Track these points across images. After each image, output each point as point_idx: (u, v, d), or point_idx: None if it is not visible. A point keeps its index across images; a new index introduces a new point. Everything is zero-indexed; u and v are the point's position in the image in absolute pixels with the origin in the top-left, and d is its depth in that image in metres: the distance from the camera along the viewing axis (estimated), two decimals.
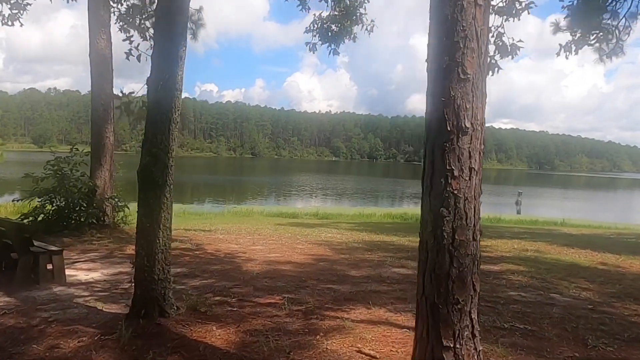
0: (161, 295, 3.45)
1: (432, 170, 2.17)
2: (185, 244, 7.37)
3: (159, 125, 3.35)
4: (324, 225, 14.35)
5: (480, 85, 2.07)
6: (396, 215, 24.81)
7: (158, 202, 3.40)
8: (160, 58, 3.30)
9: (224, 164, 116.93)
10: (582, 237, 12.04)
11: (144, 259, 3.38)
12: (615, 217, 36.30)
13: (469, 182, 2.13)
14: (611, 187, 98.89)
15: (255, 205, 31.18)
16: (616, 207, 51.96)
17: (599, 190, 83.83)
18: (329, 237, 9.65)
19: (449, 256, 2.10)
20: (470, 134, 2.08)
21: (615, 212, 44.41)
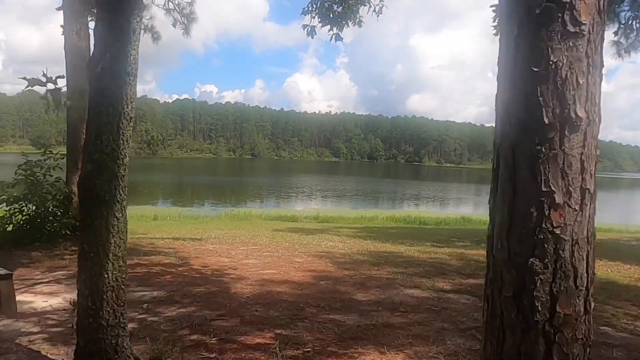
0: (112, 346, 2.59)
1: (513, 191, 1.30)
2: (170, 258, 6.55)
3: (103, 123, 2.50)
4: (324, 230, 13.53)
5: (600, 45, 1.22)
6: (399, 218, 23.98)
7: (105, 224, 2.54)
8: (105, 32, 2.47)
9: (224, 165, 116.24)
10: (602, 244, 11.20)
11: (87, 300, 2.54)
12: (622, 219, 35.50)
13: (580, 213, 1.29)
14: (614, 187, 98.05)
15: (254, 208, 30.35)
16: (621, 208, 51.22)
17: (603, 191, 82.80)
18: (330, 246, 8.83)
19: (546, 341, 1.25)
20: (583, 130, 1.23)
21: (620, 213, 43.66)
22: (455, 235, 12.49)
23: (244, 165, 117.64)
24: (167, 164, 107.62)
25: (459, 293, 4.87)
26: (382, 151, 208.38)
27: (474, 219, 24.36)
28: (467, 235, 12.36)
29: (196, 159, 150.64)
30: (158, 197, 38.52)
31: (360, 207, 34.91)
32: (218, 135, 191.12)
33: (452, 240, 10.96)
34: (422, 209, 36.28)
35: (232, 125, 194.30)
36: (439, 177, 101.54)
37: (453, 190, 62.04)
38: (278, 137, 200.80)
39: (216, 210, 28.75)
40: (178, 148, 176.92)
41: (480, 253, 8.15)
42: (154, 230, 13.51)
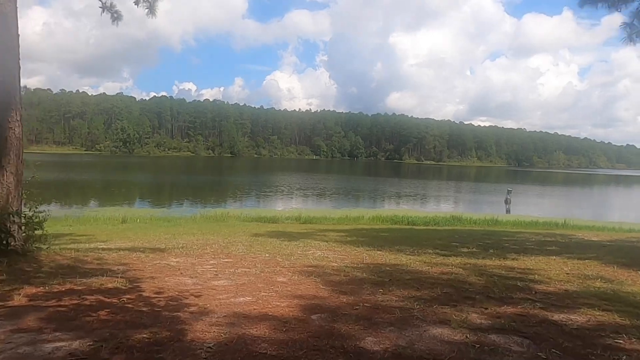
0: None
1: None
2: (116, 281, 5.08)
3: None
4: (309, 235, 12.17)
5: None
6: (386, 218, 22.76)
7: None
8: None
9: (203, 163, 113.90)
10: (616, 247, 10.11)
11: None
12: (611, 216, 35.13)
13: None
14: (591, 183, 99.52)
15: (233, 208, 28.77)
16: (605, 204, 51.37)
17: (582, 187, 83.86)
18: (318, 257, 7.46)
19: None
20: None
21: (607, 210, 43.52)
22: (455, 238, 11.26)
23: (224, 164, 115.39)
24: (144, 162, 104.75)
25: (504, 332, 3.56)
26: (362, 149, 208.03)
27: (464, 218, 23.31)
28: (467, 239, 11.15)
29: (174, 158, 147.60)
30: (133, 197, 36.56)
31: (343, 206, 33.63)
32: (196, 134, 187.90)
33: (454, 245, 9.72)
34: (406, 206, 35.25)
35: (210, 123, 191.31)
36: (419, 174, 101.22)
37: (434, 187, 61.45)
38: (258, 135, 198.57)
39: (192, 210, 27.11)
40: (155, 146, 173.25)
41: (496, 264, 6.89)
42: (116, 236, 11.94)
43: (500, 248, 9.27)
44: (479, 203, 43.91)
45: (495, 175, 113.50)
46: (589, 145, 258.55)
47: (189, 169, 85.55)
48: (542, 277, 5.79)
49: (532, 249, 9.17)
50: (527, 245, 9.94)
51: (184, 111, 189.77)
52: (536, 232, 14.97)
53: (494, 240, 10.95)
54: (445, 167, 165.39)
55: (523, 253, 8.37)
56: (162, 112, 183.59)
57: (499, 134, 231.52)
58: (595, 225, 22.46)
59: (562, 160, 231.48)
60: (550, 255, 8.11)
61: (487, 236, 11.99)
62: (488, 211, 34.69)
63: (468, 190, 59.82)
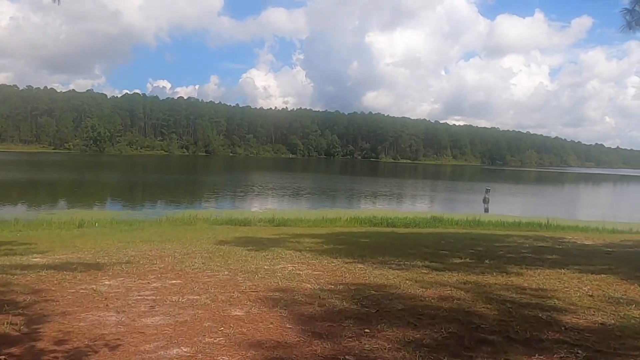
0: None
1: None
2: (8, 320, 3.73)
3: None
4: (281, 241, 10.92)
5: None
6: (364, 219, 21.63)
7: None
8: None
9: (177, 162, 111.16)
10: (621, 255, 9.19)
11: None
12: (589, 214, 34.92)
13: None
14: (563, 181, 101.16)
15: (204, 210, 27.22)
16: (580, 202, 51.70)
17: (555, 185, 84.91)
18: (288, 274, 6.22)
19: None
20: None
21: (583, 208, 43.57)
22: (442, 245, 10.18)
23: (198, 163, 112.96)
24: (115, 161, 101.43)
25: None
26: (339, 147, 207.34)
27: (445, 219, 22.37)
28: (456, 246, 10.08)
29: (147, 156, 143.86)
30: (97, 198, 34.51)
31: (320, 206, 32.41)
32: (170, 132, 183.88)
33: (444, 254, 8.61)
34: (384, 206, 34.29)
35: (185, 122, 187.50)
36: (396, 173, 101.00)
37: (411, 186, 60.88)
38: (233, 134, 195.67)
39: (160, 212, 25.47)
40: (127, 145, 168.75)
41: (501, 282, 5.79)
42: (61, 245, 10.45)
43: (496, 257, 8.21)
44: (456, 202, 43.43)
45: (470, 174, 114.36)
46: (559, 144, 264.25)
47: (162, 168, 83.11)
48: (563, 302, 4.68)
49: (532, 259, 8.14)
50: (524, 253, 8.92)
51: (157, 109, 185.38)
52: (524, 234, 14.07)
53: (486, 246, 9.91)
54: (421, 165, 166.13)
55: (524, 265, 7.30)
56: (135, 109, 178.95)
57: (473, 133, 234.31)
58: (578, 225, 21.85)
59: (534, 158, 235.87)
60: (556, 267, 7.07)
61: (476, 241, 10.96)
62: (466, 210, 34.05)
63: (445, 189, 59.49)
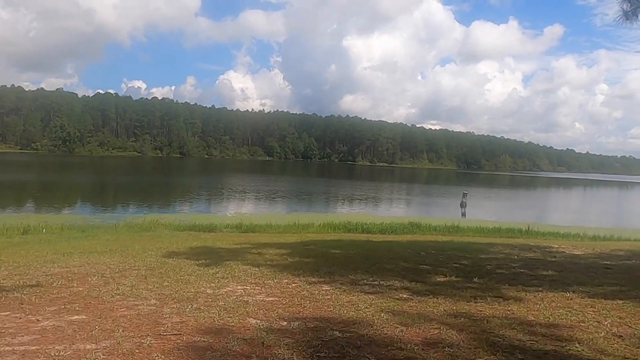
0: None
1: None
2: None
3: None
4: (241, 252, 9.60)
5: None
6: (338, 225, 20.41)
7: None
8: None
9: (149, 164, 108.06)
10: (622, 270, 8.19)
11: None
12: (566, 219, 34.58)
13: None
14: (536, 185, 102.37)
15: (169, 214, 25.57)
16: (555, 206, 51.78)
17: (529, 189, 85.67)
18: (232, 303, 4.91)
19: None
20: None
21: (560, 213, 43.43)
22: (422, 257, 9.01)
23: (172, 165, 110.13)
24: (84, 162, 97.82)
25: None
26: (316, 150, 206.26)
27: (423, 225, 21.33)
28: (438, 258, 8.92)
29: (119, 158, 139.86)
30: (57, 201, 32.32)
31: (293, 210, 31.05)
32: (144, 133, 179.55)
33: (425, 270, 7.43)
34: (360, 210, 33.19)
35: (159, 122, 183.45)
36: (373, 176, 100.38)
37: (387, 189, 60.06)
38: (209, 135, 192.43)
39: (121, 217, 23.73)
40: (98, 146, 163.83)
41: (500, 314, 4.61)
42: None
43: (485, 274, 7.07)
44: (433, 206, 42.74)
45: (446, 178, 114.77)
46: (532, 149, 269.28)
47: (132, 169, 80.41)
48: (587, 347, 3.51)
49: (526, 276, 7.03)
50: (515, 268, 7.82)
51: (130, 109, 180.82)
52: (508, 242, 13.07)
53: (471, 259, 8.80)
54: (398, 169, 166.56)
55: (520, 285, 6.17)
56: (107, 109, 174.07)
57: (449, 137, 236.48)
58: (559, 232, 21.13)
59: (508, 163, 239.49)
60: (558, 288, 5.96)
61: (459, 252, 9.85)
62: (443, 214, 33.26)
63: (421, 192, 58.91)
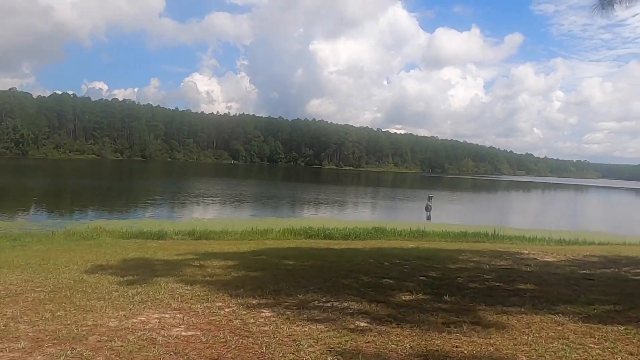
0: None
1: None
2: None
3: None
4: (180, 265, 8.34)
5: None
6: (299, 230, 19.22)
7: None
8: None
9: (108, 167, 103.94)
10: (608, 282, 7.42)
11: None
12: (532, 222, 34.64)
13: None
14: (497, 188, 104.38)
15: (118, 220, 23.76)
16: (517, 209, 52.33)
17: (490, 192, 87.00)
18: (134, 342, 3.70)
19: None
20: None
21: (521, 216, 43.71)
22: (386, 269, 7.99)
23: (132, 168, 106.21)
24: (39, 165, 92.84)
25: None
26: (282, 154, 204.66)
27: (388, 230, 20.41)
28: (403, 269, 7.92)
29: (76, 161, 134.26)
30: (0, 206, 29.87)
31: (254, 214, 29.73)
32: (103, 135, 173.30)
33: (388, 286, 6.39)
34: (323, 215, 32.18)
35: (119, 124, 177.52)
36: (338, 180, 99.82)
37: (352, 193, 59.38)
38: (172, 138, 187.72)
39: (62, 223, 21.81)
40: (54, 148, 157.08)
41: (481, 353, 3.60)
42: None
43: (456, 289, 6.11)
44: (398, 209, 42.25)
45: (411, 181, 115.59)
46: (493, 154, 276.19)
47: (89, 173, 76.78)
48: None
49: (503, 291, 6.11)
50: (489, 281, 6.90)
51: (89, 111, 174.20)
52: (477, 249, 12.26)
53: (440, 270, 7.85)
54: (364, 172, 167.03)
55: (499, 304, 5.22)
56: (64, 111, 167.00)
57: (413, 142, 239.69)
58: (524, 235, 20.67)
59: (470, 167, 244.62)
60: (543, 308, 5.04)
61: (426, 261, 8.91)
62: (409, 218, 32.68)
63: (387, 196, 58.54)
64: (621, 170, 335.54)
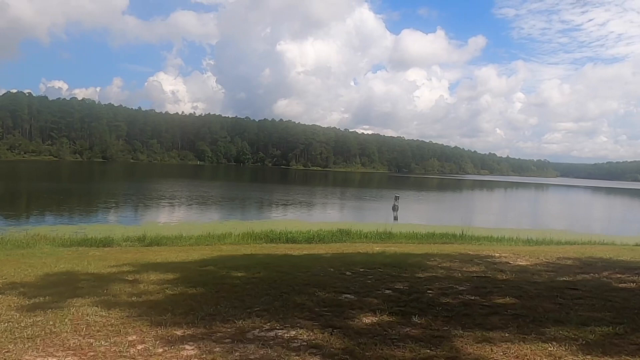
0: None
1: None
2: None
3: None
4: (110, 280, 7.15)
5: None
6: (260, 234, 18.10)
7: None
8: None
9: (66, 169, 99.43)
10: (590, 290, 6.71)
11: None
12: (498, 221, 34.60)
13: None
14: (461, 187, 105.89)
15: (62, 225, 21.99)
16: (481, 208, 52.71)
17: (455, 192, 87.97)
18: None
19: None
20: None
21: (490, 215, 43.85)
22: (347, 280, 7.03)
23: (91, 170, 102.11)
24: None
25: None
26: (249, 154, 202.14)
27: (353, 232, 19.53)
28: (365, 281, 6.99)
29: (31, 162, 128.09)
30: None
31: (214, 217, 28.39)
32: (61, 136, 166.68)
33: (347, 303, 5.43)
34: (287, 217, 31.11)
35: (78, 124, 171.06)
36: (306, 180, 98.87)
37: (319, 194, 58.49)
38: (135, 139, 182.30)
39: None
40: (8, 149, 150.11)
41: None
42: None
43: (427, 306, 5.22)
44: (365, 210, 41.65)
45: (378, 181, 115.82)
46: (458, 153, 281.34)
47: (44, 174, 72.95)
48: None
49: (479, 308, 5.25)
50: (464, 294, 6.05)
51: (45, 110, 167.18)
52: (446, 252, 11.49)
53: (407, 280, 6.95)
54: (332, 172, 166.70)
55: (478, 326, 4.35)
56: (18, 110, 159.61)
57: (380, 142, 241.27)
58: (492, 235, 20.27)
59: (436, 166, 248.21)
60: (531, 333, 4.19)
61: (393, 269, 8.01)
62: (375, 218, 32.03)
63: (353, 196, 57.92)
64: (578, 169, 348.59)
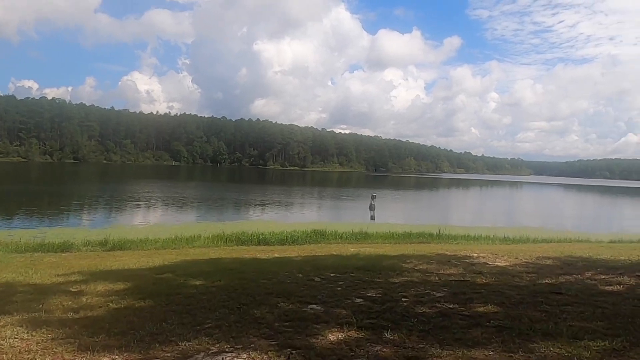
0: None
1: None
2: None
3: None
4: (52, 292, 6.39)
5: None
6: (231, 235, 17.33)
7: None
8: None
9: (34, 170, 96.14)
10: (576, 294, 6.26)
11: None
12: (474, 220, 34.58)
13: None
14: (438, 186, 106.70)
15: (19, 229, 20.80)
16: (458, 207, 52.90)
17: (432, 190, 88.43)
18: None
19: None
20: None
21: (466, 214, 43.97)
22: (314, 287, 6.40)
23: (62, 171, 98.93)
24: None
25: None
26: (225, 154, 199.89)
27: (328, 232, 18.91)
28: (335, 289, 6.39)
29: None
30: None
31: (187, 218, 27.45)
32: (30, 136, 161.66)
33: (312, 319, 4.82)
34: (261, 217, 30.34)
35: (49, 125, 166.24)
36: (283, 180, 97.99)
37: (296, 193, 57.77)
38: (108, 139, 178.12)
39: None
40: None
41: None
42: None
43: (400, 317, 4.66)
44: (342, 209, 41.20)
45: (355, 180, 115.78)
46: (435, 152, 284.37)
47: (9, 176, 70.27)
48: None
49: (460, 318, 4.73)
50: (441, 301, 5.52)
51: (13, 110, 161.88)
52: (422, 253, 11.00)
53: (380, 287, 6.39)
54: (309, 172, 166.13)
55: (458, 342, 3.82)
56: None
57: (358, 141, 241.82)
58: (469, 234, 20.00)
59: (413, 165, 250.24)
60: (519, 350, 3.67)
61: (366, 274, 7.46)
62: (352, 218, 31.61)
63: (331, 196, 57.44)
64: (550, 167, 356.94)
